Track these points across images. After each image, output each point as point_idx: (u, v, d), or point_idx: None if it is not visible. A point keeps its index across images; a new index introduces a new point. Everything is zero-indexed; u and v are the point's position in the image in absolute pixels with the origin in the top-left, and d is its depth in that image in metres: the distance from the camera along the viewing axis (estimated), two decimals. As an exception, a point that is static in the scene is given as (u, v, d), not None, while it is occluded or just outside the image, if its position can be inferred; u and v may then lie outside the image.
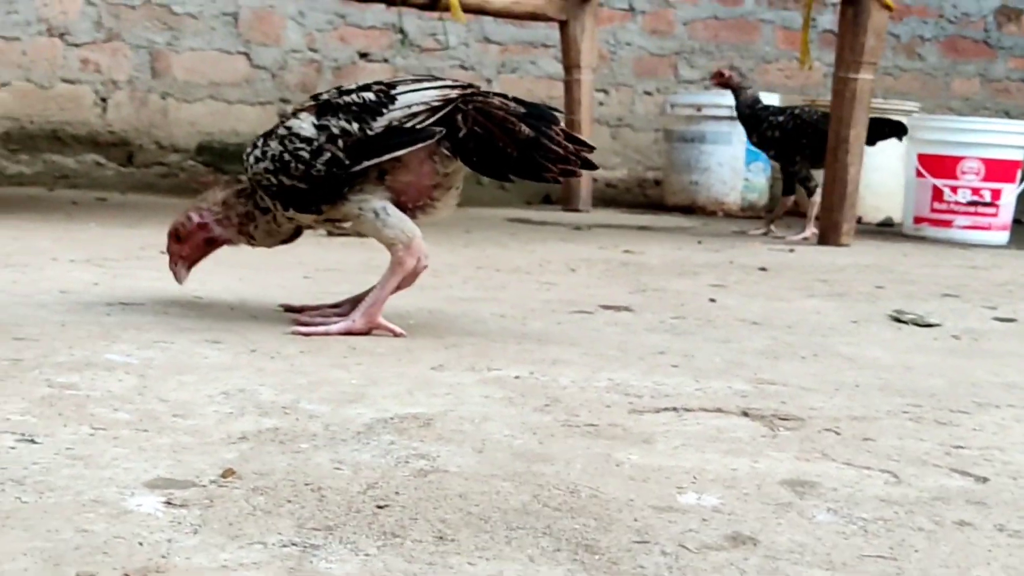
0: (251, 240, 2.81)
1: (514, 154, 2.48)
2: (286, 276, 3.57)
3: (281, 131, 2.65)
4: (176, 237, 2.83)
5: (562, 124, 2.54)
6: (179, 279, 2.86)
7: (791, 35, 8.92)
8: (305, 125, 2.61)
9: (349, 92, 2.64)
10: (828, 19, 8.64)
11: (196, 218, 2.80)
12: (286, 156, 2.60)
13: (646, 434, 1.91)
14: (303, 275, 3.63)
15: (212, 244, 2.83)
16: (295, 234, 2.84)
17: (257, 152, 2.67)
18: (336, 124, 2.57)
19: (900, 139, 6.19)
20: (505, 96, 2.56)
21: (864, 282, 4.23)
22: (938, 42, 9.33)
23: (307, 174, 2.58)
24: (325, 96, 2.68)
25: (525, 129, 2.46)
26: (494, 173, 2.60)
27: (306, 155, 2.58)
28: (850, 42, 5.58)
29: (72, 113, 7.26)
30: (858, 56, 5.56)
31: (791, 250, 5.43)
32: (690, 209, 7.73)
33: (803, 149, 6.01)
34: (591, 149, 2.53)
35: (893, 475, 1.74)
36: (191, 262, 2.85)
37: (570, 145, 2.48)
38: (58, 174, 7.23)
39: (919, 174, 6.54)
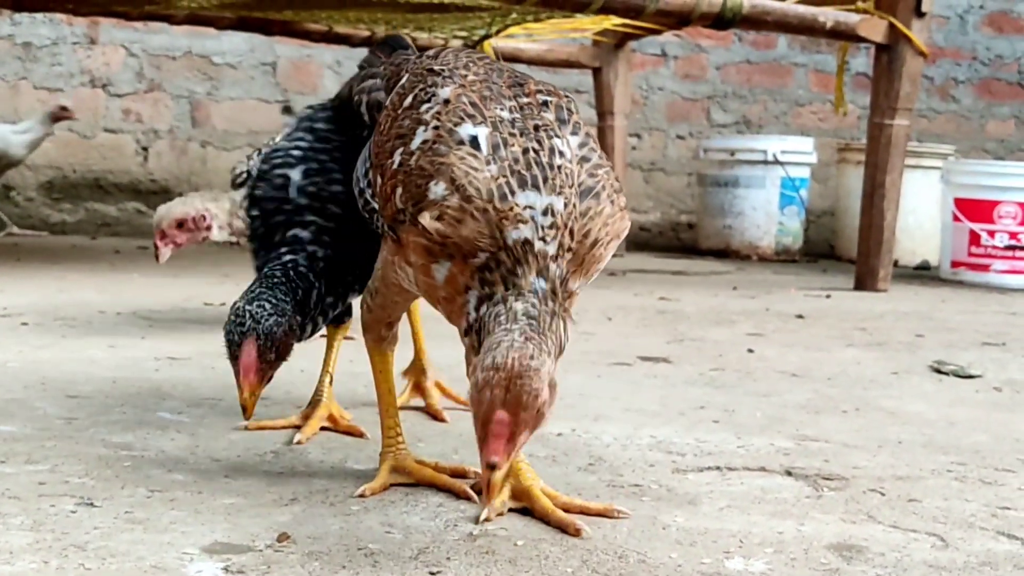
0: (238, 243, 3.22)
1: None
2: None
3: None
4: (179, 224, 3.22)
5: None
6: (161, 259, 3.27)
7: (824, 78, 8.95)
8: None
9: None
10: (861, 62, 8.67)
11: (208, 218, 3.19)
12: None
13: (691, 495, 1.92)
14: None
15: (203, 240, 3.27)
16: None
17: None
18: None
19: None
20: None
21: (903, 330, 4.23)
22: (972, 84, 9.33)
23: None
24: None
25: None
26: None
27: None
28: (885, 88, 5.60)
29: (114, 162, 7.38)
30: (893, 102, 5.58)
31: (827, 296, 5.43)
32: (724, 253, 7.74)
33: None
34: None
35: (940, 538, 1.74)
36: (178, 248, 3.28)
37: None
38: (100, 222, 7.35)
39: (955, 218, 6.53)
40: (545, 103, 1.73)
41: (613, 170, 1.73)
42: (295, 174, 2.10)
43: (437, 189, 1.61)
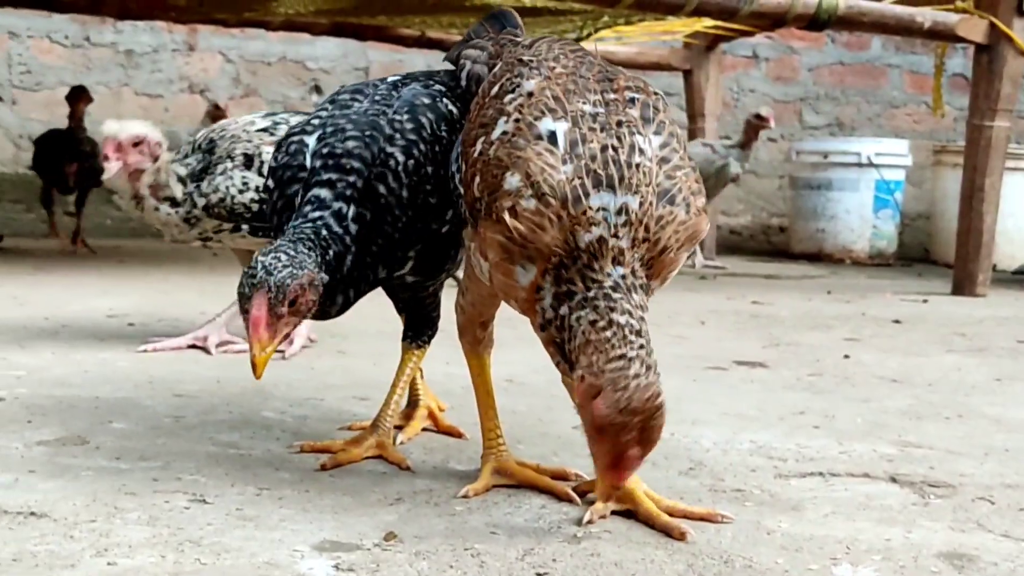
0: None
1: None
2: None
3: None
4: (135, 143, 3.01)
5: None
6: (108, 174, 3.02)
7: (919, 79, 8.80)
8: None
9: None
10: (957, 63, 8.50)
11: (159, 151, 3.02)
12: None
13: (794, 501, 1.91)
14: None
15: (139, 174, 3.03)
16: None
17: None
18: None
19: None
20: None
21: (1004, 336, 4.14)
22: (1074, 84, 9.08)
23: None
24: None
25: None
26: None
27: None
28: (984, 89, 5.49)
29: (211, 166, 7.53)
30: (993, 103, 5.46)
31: (924, 300, 5.33)
32: (816, 257, 7.65)
33: None
34: None
35: (1053, 548, 1.71)
36: (125, 169, 3.03)
37: None
38: (197, 225, 7.51)
39: (1057, 221, 6.37)
40: (632, 100, 1.73)
41: (694, 171, 1.72)
42: (311, 140, 1.98)
43: (512, 180, 1.63)
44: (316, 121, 2.01)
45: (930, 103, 7.65)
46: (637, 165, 1.63)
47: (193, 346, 3.16)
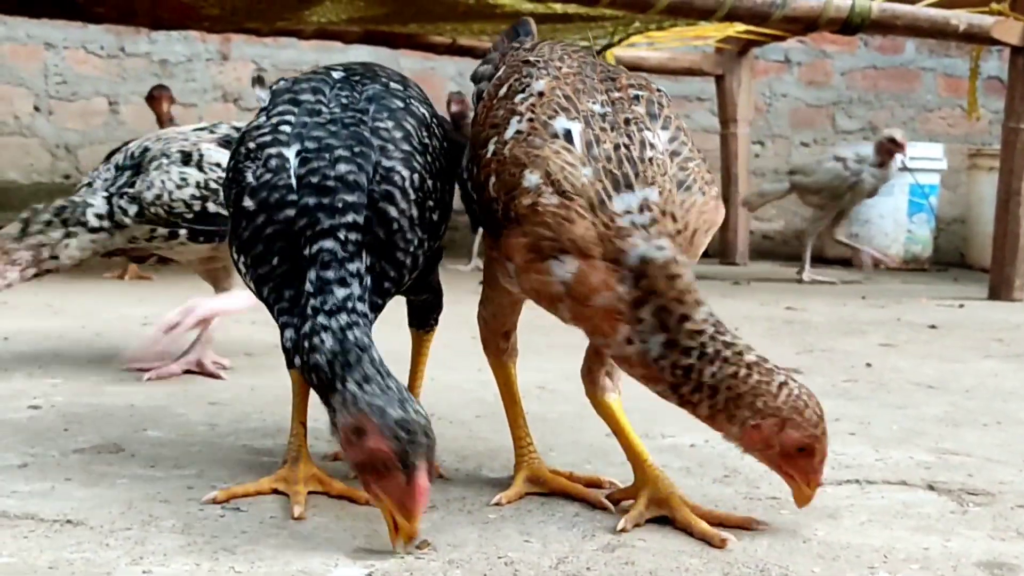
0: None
1: None
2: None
3: None
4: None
5: None
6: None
7: (953, 83, 8.73)
8: None
9: None
10: (992, 65, 8.43)
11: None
12: None
13: (830, 508, 1.89)
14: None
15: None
16: None
17: None
18: None
19: None
20: None
21: (1042, 341, 4.09)
22: (1112, 86, 8.97)
23: None
24: None
25: None
26: None
27: None
28: (1020, 92, 5.43)
29: (243, 174, 7.57)
30: (1029, 106, 5.40)
31: (960, 305, 5.28)
32: (850, 262, 7.57)
33: None
34: None
35: (1095, 558, 1.68)
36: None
37: None
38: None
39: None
40: (636, 97, 1.76)
41: (705, 163, 1.76)
42: (290, 154, 1.77)
43: (532, 179, 1.63)
44: (287, 128, 1.80)
45: (964, 106, 7.59)
46: (650, 160, 1.66)
47: (188, 371, 2.94)
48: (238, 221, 1.77)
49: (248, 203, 1.75)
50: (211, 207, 2.78)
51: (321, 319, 1.64)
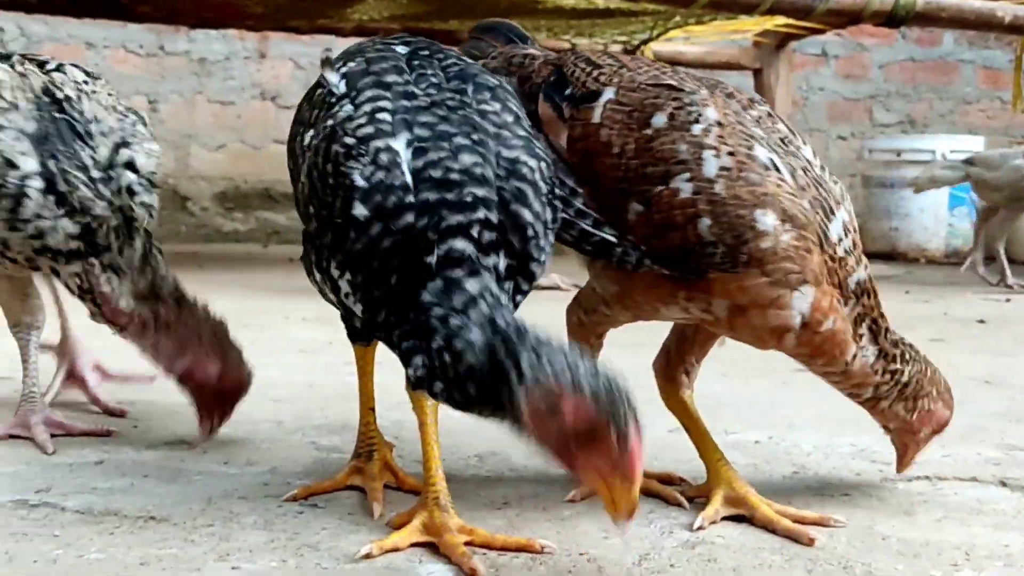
0: None
1: None
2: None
3: None
4: None
5: None
6: None
7: (992, 74, 8.66)
8: None
9: None
10: (1033, 57, 8.35)
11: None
12: None
13: (904, 505, 1.88)
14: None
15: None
16: None
17: None
18: None
19: None
20: None
21: (1094, 336, 4.06)
22: None
23: None
24: None
25: None
26: None
27: None
28: (1066, 84, 5.39)
29: (283, 172, 7.58)
30: (1075, 98, 5.36)
31: (1007, 300, 5.24)
32: (890, 256, 7.55)
33: None
34: None
35: None
36: None
37: None
38: (270, 230, 7.59)
39: None
40: (768, 113, 1.74)
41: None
42: (399, 146, 1.49)
43: (766, 220, 1.62)
44: (385, 117, 1.51)
45: (1004, 98, 7.53)
46: (823, 179, 1.71)
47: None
48: (343, 233, 1.48)
49: (360, 210, 1.46)
50: None
51: (454, 321, 1.38)
